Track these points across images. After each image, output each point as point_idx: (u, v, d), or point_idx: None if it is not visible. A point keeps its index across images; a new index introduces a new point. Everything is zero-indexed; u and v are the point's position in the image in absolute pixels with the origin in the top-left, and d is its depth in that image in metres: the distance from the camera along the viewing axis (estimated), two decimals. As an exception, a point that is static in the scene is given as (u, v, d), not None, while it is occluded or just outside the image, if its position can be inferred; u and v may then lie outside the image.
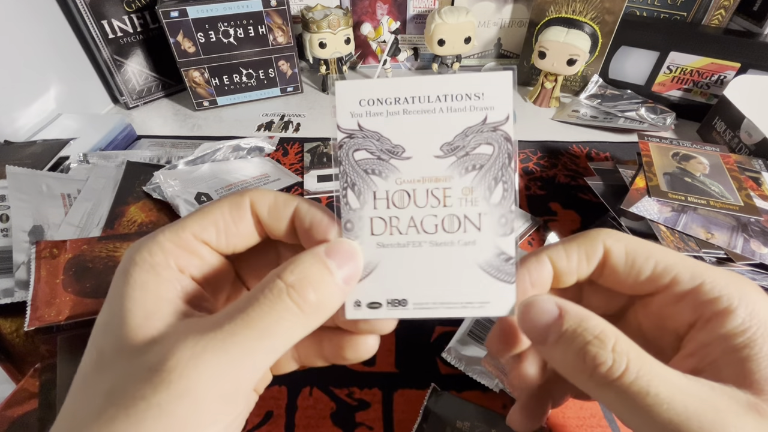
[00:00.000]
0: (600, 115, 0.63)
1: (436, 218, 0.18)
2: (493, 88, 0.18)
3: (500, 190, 0.18)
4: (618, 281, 0.19)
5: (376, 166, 0.19)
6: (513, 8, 0.71)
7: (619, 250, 0.19)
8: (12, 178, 0.42)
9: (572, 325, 0.17)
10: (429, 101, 0.18)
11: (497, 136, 0.18)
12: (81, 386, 0.15)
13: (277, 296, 0.15)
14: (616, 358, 0.15)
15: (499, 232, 0.18)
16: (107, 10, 0.60)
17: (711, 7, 0.62)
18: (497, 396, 0.32)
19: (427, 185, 0.18)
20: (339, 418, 0.32)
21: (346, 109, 0.18)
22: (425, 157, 0.18)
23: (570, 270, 0.20)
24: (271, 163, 0.56)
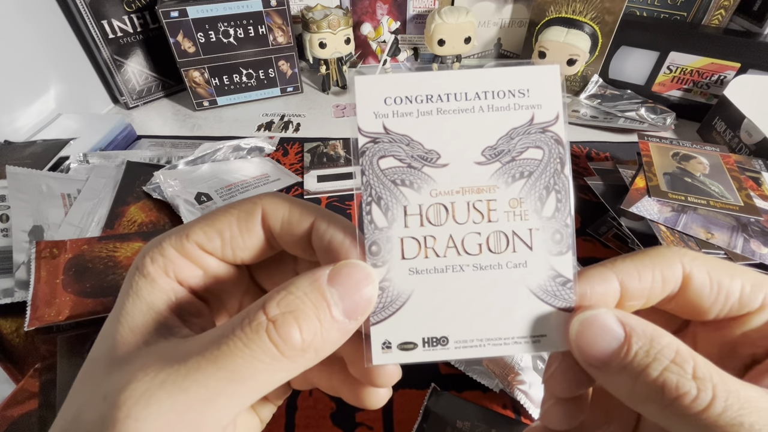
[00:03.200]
0: (600, 115, 0.63)
1: (480, 236, 0.16)
2: (539, 84, 0.16)
3: (553, 201, 0.16)
4: (696, 308, 0.16)
5: (407, 175, 0.16)
6: (513, 8, 0.71)
7: (702, 273, 0.16)
8: (12, 178, 0.42)
9: (643, 348, 0.14)
10: (467, 99, 0.16)
11: (547, 138, 0.16)
12: (68, 397, 0.15)
13: (254, 332, 0.13)
14: (701, 386, 0.13)
15: (554, 250, 0.16)
16: (107, 10, 0.60)
17: (711, 7, 0.62)
18: (497, 396, 0.32)
19: (468, 197, 0.16)
20: (339, 418, 0.32)
21: (368, 108, 0.15)
22: (465, 163, 0.16)
23: (641, 293, 0.16)
24: (271, 163, 0.56)
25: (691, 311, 0.17)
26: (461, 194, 0.16)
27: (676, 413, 0.13)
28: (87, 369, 0.15)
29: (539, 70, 0.16)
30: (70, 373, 0.32)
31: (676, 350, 0.14)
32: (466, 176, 0.16)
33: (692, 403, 0.13)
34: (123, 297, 0.16)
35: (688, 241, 0.37)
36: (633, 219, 0.41)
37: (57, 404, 0.31)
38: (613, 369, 0.14)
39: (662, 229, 0.38)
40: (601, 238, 0.45)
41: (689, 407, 0.13)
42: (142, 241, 0.42)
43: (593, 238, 0.45)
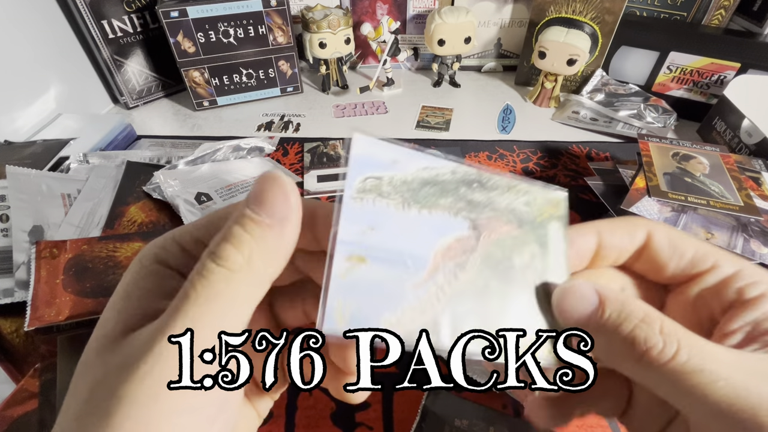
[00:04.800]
0: (600, 118, 0.63)
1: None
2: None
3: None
4: (657, 266, 0.19)
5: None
6: (513, 8, 0.71)
7: (662, 233, 0.19)
8: (12, 178, 0.42)
9: (615, 311, 0.16)
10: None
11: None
12: (71, 386, 0.15)
13: (202, 266, 0.14)
14: (666, 339, 0.15)
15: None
16: (107, 10, 0.60)
17: (711, 7, 0.62)
18: (496, 396, 0.32)
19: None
20: (339, 418, 0.32)
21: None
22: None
23: (612, 245, 0.19)
24: (271, 163, 0.56)
25: (653, 269, 0.20)
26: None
27: (647, 366, 0.15)
28: (87, 359, 0.15)
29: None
30: (71, 373, 0.32)
31: (645, 312, 0.16)
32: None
33: (659, 354, 0.15)
34: (122, 286, 0.16)
35: (688, 241, 0.37)
36: (633, 219, 0.41)
37: (57, 404, 0.31)
38: (590, 330, 0.17)
39: (662, 229, 0.38)
40: (601, 238, 0.45)
41: (657, 358, 0.15)
42: (142, 241, 0.42)
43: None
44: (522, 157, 0.57)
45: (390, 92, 0.72)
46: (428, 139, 0.61)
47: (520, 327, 0.18)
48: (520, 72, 0.73)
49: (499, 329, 0.18)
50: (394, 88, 0.72)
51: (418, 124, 0.64)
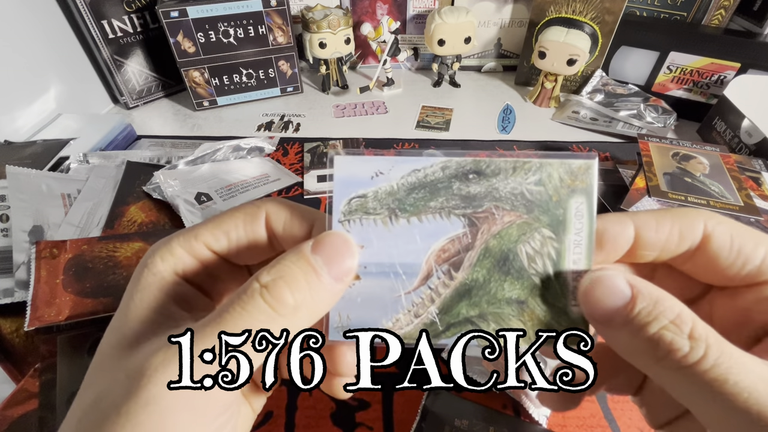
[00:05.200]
0: (600, 118, 0.63)
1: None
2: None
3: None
4: (713, 269, 0.17)
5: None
6: (513, 8, 0.71)
7: (724, 233, 0.16)
8: (12, 178, 0.42)
9: (646, 307, 0.15)
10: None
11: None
12: (81, 389, 0.16)
13: (250, 297, 0.15)
14: (694, 344, 0.14)
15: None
16: (107, 10, 0.60)
17: (711, 7, 0.62)
18: (497, 396, 0.32)
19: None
20: (339, 418, 0.32)
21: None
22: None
23: (655, 243, 0.17)
24: (271, 163, 0.56)
25: (707, 273, 0.17)
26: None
27: (667, 366, 0.14)
28: (98, 360, 0.16)
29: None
30: (71, 373, 0.32)
31: (678, 313, 0.14)
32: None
33: (683, 357, 0.14)
34: (131, 291, 0.17)
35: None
36: (633, 219, 0.41)
37: (57, 404, 0.31)
38: (615, 325, 0.15)
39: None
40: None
41: (680, 361, 0.14)
42: (142, 241, 0.42)
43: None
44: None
45: (390, 92, 0.72)
46: (428, 139, 0.61)
47: (524, 318, 0.17)
48: (520, 72, 0.73)
49: (499, 329, 0.18)
50: (394, 88, 0.72)
51: (418, 124, 0.64)
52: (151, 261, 0.17)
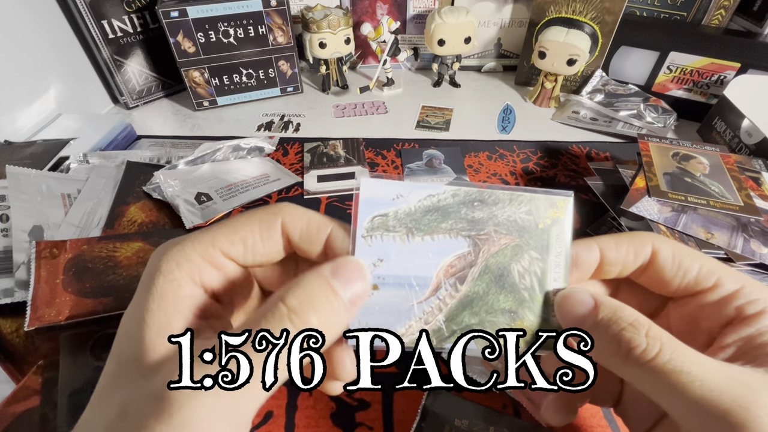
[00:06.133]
0: (600, 118, 0.63)
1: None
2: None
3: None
4: (660, 281, 0.21)
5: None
6: (513, 8, 0.71)
7: (667, 251, 0.20)
8: (12, 178, 0.42)
9: (607, 314, 0.18)
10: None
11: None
12: (99, 395, 0.16)
13: (278, 320, 0.15)
14: (650, 341, 0.17)
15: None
16: (107, 10, 0.60)
17: (711, 7, 0.62)
18: (496, 396, 0.32)
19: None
20: (339, 418, 0.32)
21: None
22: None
23: (616, 261, 0.20)
24: (271, 163, 0.56)
25: (657, 284, 0.21)
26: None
27: (632, 363, 0.17)
28: (117, 371, 0.16)
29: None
30: (72, 370, 0.32)
31: (635, 318, 0.18)
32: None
33: (642, 353, 0.17)
34: (145, 297, 0.16)
35: (688, 241, 0.37)
36: (633, 219, 0.41)
37: (59, 401, 0.31)
38: (586, 329, 0.18)
39: (662, 229, 0.38)
40: (600, 238, 0.45)
41: (640, 357, 0.17)
42: (142, 241, 0.42)
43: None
44: (522, 157, 0.57)
45: (390, 92, 0.72)
46: (428, 139, 0.61)
47: (515, 326, 0.20)
48: (520, 72, 0.73)
49: (498, 329, 0.20)
50: (394, 88, 0.72)
51: (418, 124, 0.64)
52: (167, 267, 0.17)
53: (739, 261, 0.36)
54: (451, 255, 0.20)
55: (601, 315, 0.18)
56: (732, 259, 0.36)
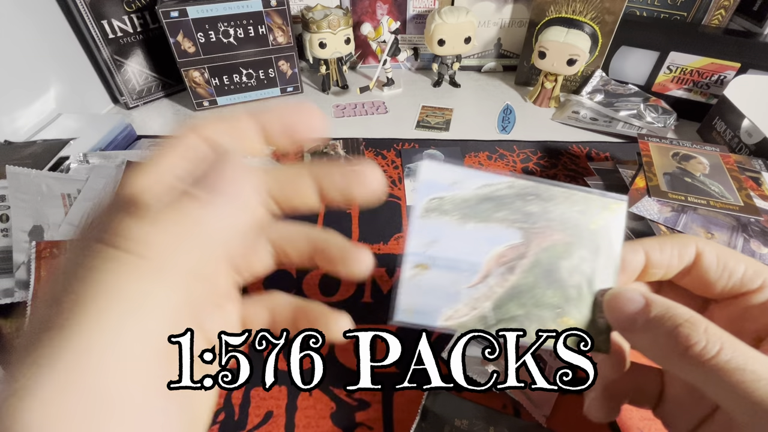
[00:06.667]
0: (600, 118, 0.63)
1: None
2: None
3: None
4: (705, 283, 0.21)
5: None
6: (513, 8, 0.71)
7: (711, 252, 0.20)
8: (12, 178, 0.42)
9: (660, 311, 0.18)
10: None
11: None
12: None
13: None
14: (710, 338, 0.16)
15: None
16: (107, 10, 0.60)
17: (711, 7, 0.62)
18: (497, 396, 0.32)
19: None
20: (339, 418, 0.32)
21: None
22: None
23: (661, 263, 0.21)
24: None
25: (701, 286, 0.21)
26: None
27: (690, 361, 0.16)
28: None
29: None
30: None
31: (690, 314, 0.17)
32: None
33: (702, 350, 0.16)
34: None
35: (688, 241, 0.37)
36: (633, 219, 0.41)
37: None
38: (638, 327, 0.18)
39: (662, 229, 0.38)
40: (601, 238, 0.45)
41: (700, 354, 0.16)
42: (142, 241, 0.42)
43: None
44: (522, 157, 0.57)
45: (390, 92, 0.72)
46: (428, 139, 0.61)
47: (560, 323, 0.20)
48: (520, 72, 0.73)
49: (540, 326, 0.20)
50: (394, 88, 0.72)
51: (418, 124, 0.64)
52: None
53: (739, 261, 0.36)
54: (503, 244, 0.20)
55: (654, 312, 0.18)
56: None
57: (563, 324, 0.20)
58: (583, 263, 0.20)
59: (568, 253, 0.20)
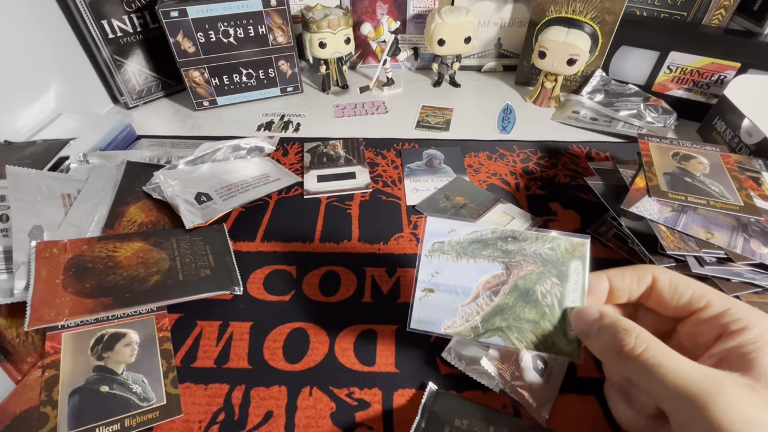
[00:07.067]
0: (600, 118, 0.63)
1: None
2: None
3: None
4: (662, 303, 0.26)
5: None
6: (513, 8, 0.71)
7: (665, 278, 0.26)
8: (12, 178, 0.42)
9: (608, 321, 0.24)
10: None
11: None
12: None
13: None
14: (638, 341, 0.23)
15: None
16: (107, 10, 0.60)
17: (711, 7, 0.62)
18: (497, 396, 0.32)
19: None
20: (339, 418, 0.32)
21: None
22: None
23: (623, 287, 0.27)
24: (271, 163, 0.56)
25: (660, 306, 0.26)
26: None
27: (623, 357, 0.23)
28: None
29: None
30: (74, 369, 0.32)
31: (629, 325, 0.24)
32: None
33: (631, 349, 0.23)
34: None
35: (688, 241, 0.37)
36: (633, 219, 0.41)
37: (59, 401, 0.31)
38: (593, 333, 0.25)
39: (662, 229, 0.38)
40: (601, 238, 0.45)
41: (630, 352, 0.23)
42: (142, 241, 0.42)
43: (593, 237, 0.46)
44: (522, 157, 0.57)
45: (390, 92, 0.72)
46: (428, 138, 0.61)
47: (537, 333, 0.27)
48: (520, 72, 0.73)
49: (517, 338, 0.27)
50: (394, 88, 0.72)
51: (418, 123, 0.64)
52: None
53: (739, 261, 0.36)
54: (489, 274, 0.28)
55: (604, 322, 0.24)
56: (732, 259, 0.36)
57: (540, 334, 0.27)
58: (554, 287, 0.27)
59: (541, 280, 0.27)
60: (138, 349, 0.34)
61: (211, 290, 0.38)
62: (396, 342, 0.36)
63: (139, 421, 0.31)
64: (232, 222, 0.47)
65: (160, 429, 0.31)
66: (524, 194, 0.51)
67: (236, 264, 0.42)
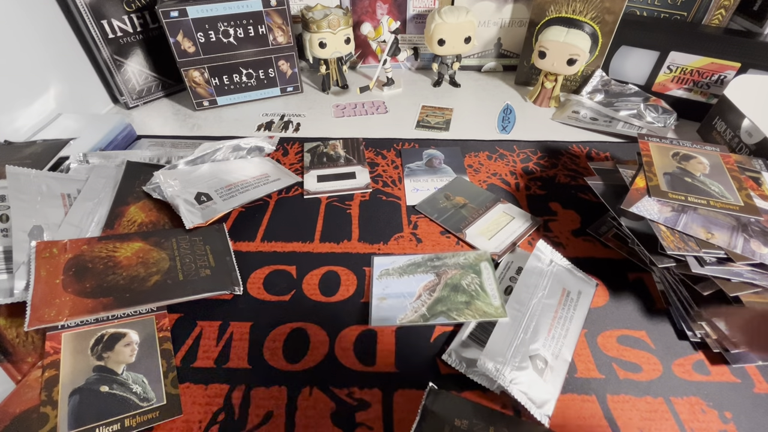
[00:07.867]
0: (600, 118, 0.63)
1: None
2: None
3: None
4: None
5: None
6: (513, 8, 0.71)
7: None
8: (12, 178, 0.42)
9: None
10: None
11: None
12: None
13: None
14: None
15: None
16: (107, 10, 0.60)
17: (711, 7, 0.62)
18: (497, 397, 0.32)
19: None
20: (339, 418, 0.32)
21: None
22: None
23: None
24: (271, 163, 0.56)
25: None
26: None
27: None
28: None
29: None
30: (73, 370, 0.32)
31: None
32: None
33: None
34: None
35: (689, 241, 0.37)
36: (633, 219, 0.41)
37: (59, 401, 0.31)
38: None
39: (662, 229, 0.38)
40: (601, 238, 0.45)
41: None
42: (142, 241, 0.42)
43: (593, 237, 0.45)
44: (522, 157, 0.57)
45: (390, 92, 0.72)
46: (428, 138, 0.61)
47: (470, 309, 0.37)
48: (520, 72, 0.73)
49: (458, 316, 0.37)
50: (394, 88, 0.72)
51: (418, 123, 0.64)
52: None
53: (739, 261, 0.36)
54: (425, 281, 0.40)
55: None
56: (732, 259, 0.36)
57: (474, 310, 0.37)
58: (474, 280, 0.40)
59: (464, 277, 0.40)
60: (138, 349, 0.34)
61: (211, 290, 0.38)
62: (396, 342, 0.36)
63: (139, 421, 0.31)
64: (232, 222, 0.47)
65: (160, 429, 0.31)
66: (524, 194, 0.51)
67: (236, 264, 0.42)
